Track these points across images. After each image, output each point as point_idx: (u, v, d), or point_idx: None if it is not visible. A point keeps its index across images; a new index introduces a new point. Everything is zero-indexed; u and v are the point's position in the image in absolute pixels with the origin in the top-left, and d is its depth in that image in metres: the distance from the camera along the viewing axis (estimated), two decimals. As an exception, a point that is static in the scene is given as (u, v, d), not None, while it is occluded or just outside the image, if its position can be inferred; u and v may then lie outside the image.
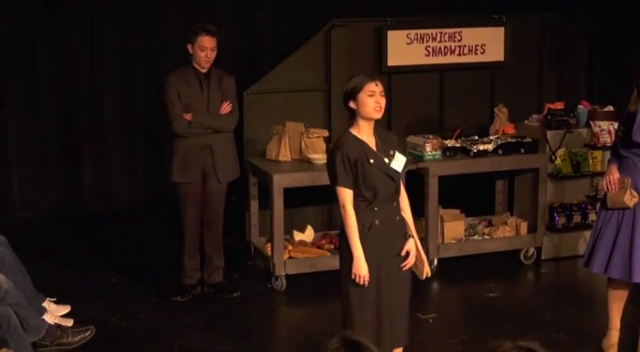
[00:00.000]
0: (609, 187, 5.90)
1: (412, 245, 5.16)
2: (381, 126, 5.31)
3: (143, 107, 9.36)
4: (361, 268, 5.04)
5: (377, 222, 5.07)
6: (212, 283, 7.21)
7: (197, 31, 6.82)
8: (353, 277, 5.05)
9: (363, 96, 5.02)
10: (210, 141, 6.92)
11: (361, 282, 5.04)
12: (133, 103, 9.35)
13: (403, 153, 5.25)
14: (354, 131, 5.08)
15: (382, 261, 5.10)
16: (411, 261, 5.16)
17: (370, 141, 5.08)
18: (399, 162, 5.10)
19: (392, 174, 5.07)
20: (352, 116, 5.08)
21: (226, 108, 6.93)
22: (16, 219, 8.88)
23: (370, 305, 5.12)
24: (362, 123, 5.06)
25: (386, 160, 5.07)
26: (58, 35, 9.02)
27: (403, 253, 5.12)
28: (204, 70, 6.89)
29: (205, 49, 6.79)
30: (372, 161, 5.03)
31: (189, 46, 6.84)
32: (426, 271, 5.26)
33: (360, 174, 5.01)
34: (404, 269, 5.14)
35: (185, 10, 9.34)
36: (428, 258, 7.42)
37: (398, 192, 5.12)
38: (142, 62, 9.28)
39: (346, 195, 5.06)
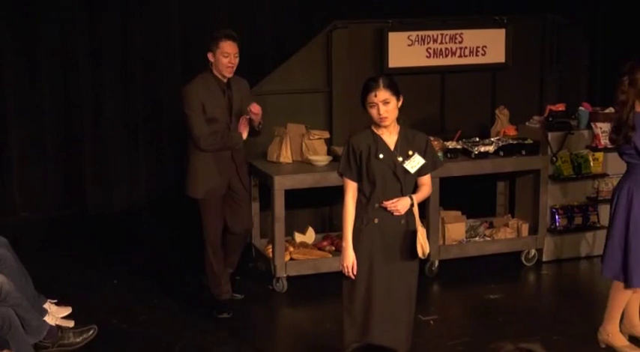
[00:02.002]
0: None
1: (406, 201, 5.10)
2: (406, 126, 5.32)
3: (143, 108, 9.37)
4: (347, 259, 5.11)
5: (376, 220, 5.10)
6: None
7: (218, 36, 6.53)
8: (340, 268, 5.11)
9: (367, 107, 5.10)
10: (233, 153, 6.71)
11: (346, 272, 5.12)
12: (133, 104, 9.35)
13: (432, 155, 5.25)
14: (374, 127, 5.16)
15: (377, 261, 5.12)
16: (397, 205, 5.06)
17: (389, 138, 5.13)
18: (413, 164, 5.13)
19: (399, 174, 5.09)
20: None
21: (243, 124, 6.62)
22: (18, 221, 8.88)
23: (359, 302, 5.15)
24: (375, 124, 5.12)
25: (400, 159, 5.09)
26: (59, 36, 9.03)
27: (393, 199, 5.08)
28: (225, 78, 6.59)
29: (229, 55, 6.48)
30: (380, 156, 5.07)
31: (209, 55, 6.53)
32: (422, 248, 5.13)
33: (364, 166, 5.06)
34: (386, 205, 5.08)
35: (186, 11, 9.35)
36: (429, 260, 7.51)
37: (404, 193, 5.12)
38: (142, 64, 9.29)
39: (346, 185, 5.17)
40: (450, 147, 7.72)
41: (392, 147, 5.13)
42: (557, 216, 7.87)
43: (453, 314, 7.03)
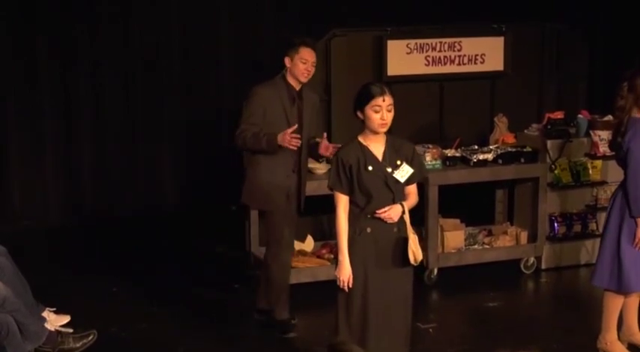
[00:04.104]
0: None
1: (398, 208, 5.10)
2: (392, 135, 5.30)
3: (143, 113, 9.37)
4: (343, 272, 5.11)
5: (369, 229, 5.10)
6: (266, 309, 6.87)
7: (298, 43, 6.53)
8: (338, 282, 5.11)
9: (368, 110, 5.08)
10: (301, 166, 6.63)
11: (342, 286, 5.11)
12: (134, 110, 9.35)
13: (419, 164, 5.26)
14: (361, 138, 5.16)
15: (372, 269, 5.12)
16: (390, 213, 5.06)
17: (377, 149, 5.12)
18: (403, 173, 5.12)
19: (390, 184, 5.08)
20: (362, 123, 5.12)
21: (330, 150, 6.45)
22: (16, 229, 8.85)
23: (356, 312, 5.15)
24: (369, 132, 5.10)
25: (389, 169, 5.09)
26: (59, 42, 9.02)
27: (385, 208, 5.07)
28: (298, 86, 6.57)
29: (307, 62, 6.49)
30: (370, 168, 5.06)
31: (286, 60, 6.51)
32: (413, 254, 5.10)
33: (354, 179, 5.06)
34: (379, 214, 5.07)
35: (185, 18, 9.35)
36: (428, 268, 7.51)
37: (396, 202, 5.11)
38: (142, 67, 9.29)
39: (337, 198, 5.16)
40: (448, 155, 7.72)
41: (380, 158, 5.12)
42: (556, 224, 7.87)
43: (453, 322, 7.03)
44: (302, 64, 6.51)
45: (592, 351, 6.23)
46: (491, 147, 7.95)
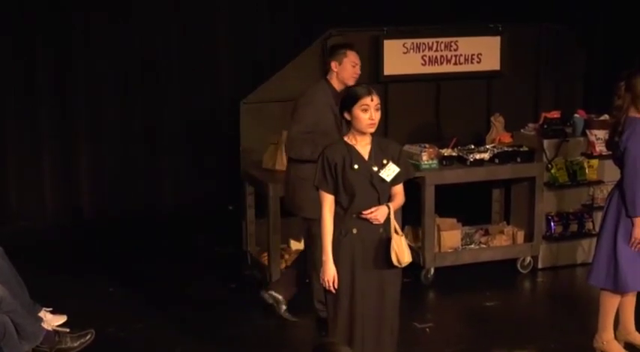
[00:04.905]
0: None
1: (384, 209, 5.09)
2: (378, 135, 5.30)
3: (142, 116, 9.38)
4: (327, 273, 5.10)
5: (355, 230, 5.09)
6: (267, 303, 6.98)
7: (345, 47, 6.66)
8: (321, 282, 5.10)
9: (356, 110, 5.05)
10: None
11: (327, 286, 5.10)
12: (133, 110, 9.35)
13: (405, 164, 5.25)
14: (347, 138, 5.14)
15: (359, 270, 5.11)
16: (377, 214, 5.05)
17: (363, 148, 5.11)
18: (389, 172, 5.10)
19: (376, 183, 5.07)
20: (348, 123, 5.12)
21: None
22: (14, 229, 8.87)
23: (343, 313, 5.14)
24: (356, 133, 5.09)
25: (375, 168, 5.08)
26: (56, 46, 9.03)
27: (371, 208, 5.05)
28: (340, 89, 6.57)
29: (356, 65, 6.60)
30: (355, 166, 5.05)
31: (333, 64, 6.57)
32: (397, 256, 5.07)
33: (339, 177, 5.05)
34: (366, 215, 5.06)
35: (184, 20, 9.36)
36: (424, 267, 7.51)
37: (381, 202, 5.11)
38: (140, 71, 9.29)
39: (322, 198, 5.13)
40: (445, 154, 7.72)
41: (366, 157, 5.11)
42: (552, 223, 7.88)
43: (449, 322, 7.03)
44: (352, 68, 6.59)
45: (589, 351, 6.24)
46: (487, 146, 7.96)
